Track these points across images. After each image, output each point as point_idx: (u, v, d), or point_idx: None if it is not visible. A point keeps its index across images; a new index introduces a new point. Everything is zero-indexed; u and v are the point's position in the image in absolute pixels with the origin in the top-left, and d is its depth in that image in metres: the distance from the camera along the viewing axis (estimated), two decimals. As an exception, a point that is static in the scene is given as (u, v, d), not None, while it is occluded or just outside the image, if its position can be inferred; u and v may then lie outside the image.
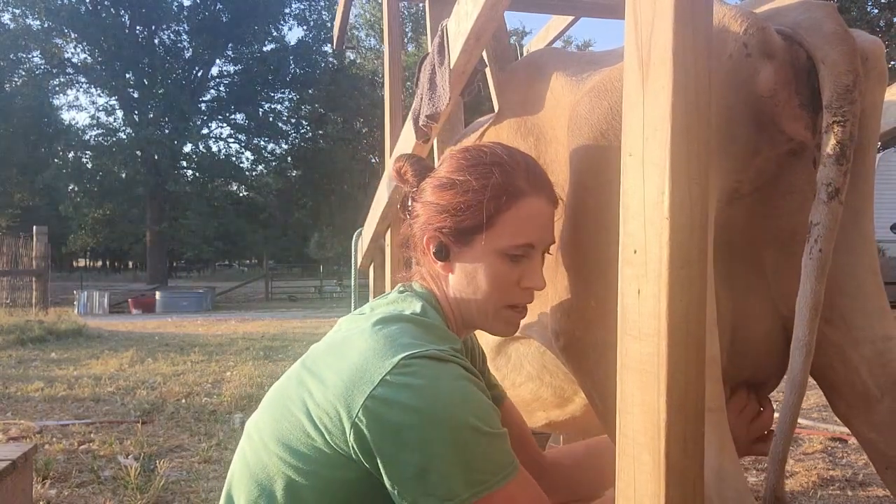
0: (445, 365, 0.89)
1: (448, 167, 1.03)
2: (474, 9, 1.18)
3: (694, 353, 0.65)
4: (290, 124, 32.96)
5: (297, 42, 31.75)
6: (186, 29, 29.80)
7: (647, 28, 0.65)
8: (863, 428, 0.97)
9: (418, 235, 1.05)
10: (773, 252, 0.99)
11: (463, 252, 1.01)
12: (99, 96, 42.43)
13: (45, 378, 5.14)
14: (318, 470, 0.91)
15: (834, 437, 3.24)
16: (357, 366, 0.90)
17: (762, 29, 0.86)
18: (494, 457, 0.88)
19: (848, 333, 0.95)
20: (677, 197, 0.62)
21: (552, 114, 1.21)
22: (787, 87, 0.87)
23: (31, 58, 27.77)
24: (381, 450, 0.86)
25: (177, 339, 8.23)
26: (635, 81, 0.67)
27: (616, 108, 0.98)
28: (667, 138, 0.62)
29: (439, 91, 1.39)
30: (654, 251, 0.64)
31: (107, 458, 3.02)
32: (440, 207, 1.01)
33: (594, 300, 1.03)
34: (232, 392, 4.52)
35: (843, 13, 9.40)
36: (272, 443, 0.96)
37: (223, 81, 31.77)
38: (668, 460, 0.65)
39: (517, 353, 1.41)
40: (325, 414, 0.90)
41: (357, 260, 3.66)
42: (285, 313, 13.76)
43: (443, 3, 1.67)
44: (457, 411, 0.85)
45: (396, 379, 0.86)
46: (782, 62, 0.87)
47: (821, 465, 2.85)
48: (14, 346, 7.05)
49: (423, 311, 1.00)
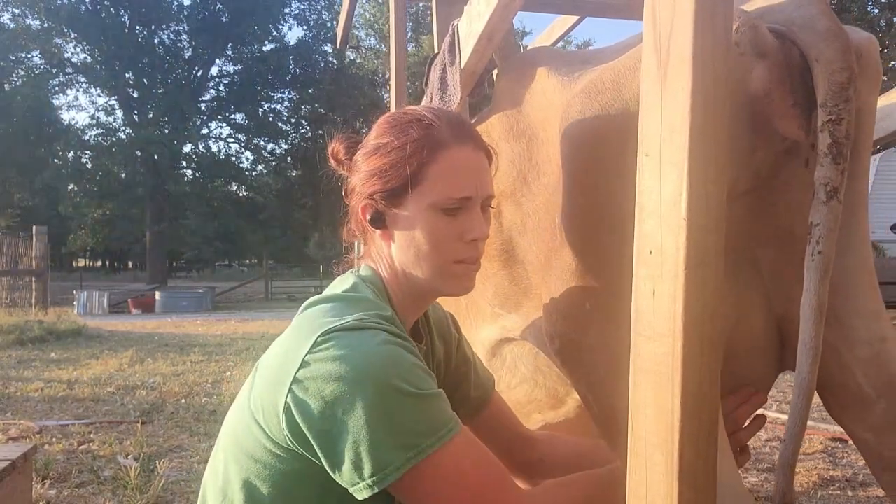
0: (364, 332, 0.86)
1: (373, 134, 1.02)
2: (487, 9, 1.18)
3: (709, 354, 0.65)
4: (290, 124, 32.97)
5: (297, 42, 31.78)
6: (186, 29, 29.79)
7: (667, 29, 0.64)
8: (858, 429, 0.96)
9: (354, 208, 1.03)
10: (768, 251, 0.98)
11: (398, 217, 0.99)
12: (99, 96, 42.55)
13: (44, 378, 5.13)
14: (269, 468, 0.90)
15: (834, 438, 3.24)
16: (281, 354, 0.90)
17: (754, 27, 0.85)
18: (428, 418, 0.84)
19: (843, 334, 0.94)
20: (695, 197, 0.62)
21: (544, 114, 1.20)
22: (781, 85, 0.86)
23: (31, 57, 27.76)
24: (311, 431, 0.84)
25: (176, 339, 8.22)
26: (653, 82, 0.66)
27: (608, 107, 0.97)
28: (685, 139, 0.62)
29: (450, 90, 1.39)
30: (670, 251, 0.64)
31: (106, 459, 3.01)
32: (368, 174, 1.00)
33: (589, 302, 1.02)
34: (232, 392, 4.52)
35: (843, 13, 9.48)
36: (230, 446, 0.96)
37: (223, 81, 31.77)
38: (682, 461, 0.65)
39: (512, 355, 1.41)
40: (263, 409, 0.90)
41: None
42: (285, 313, 13.74)
43: (450, 3, 1.67)
44: (378, 374, 0.82)
45: (315, 356, 0.84)
46: (775, 60, 0.85)
47: (821, 466, 2.85)
48: (14, 347, 7.03)
49: (352, 287, 0.99)
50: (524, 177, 1.23)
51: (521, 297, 1.30)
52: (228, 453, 0.96)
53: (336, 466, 0.83)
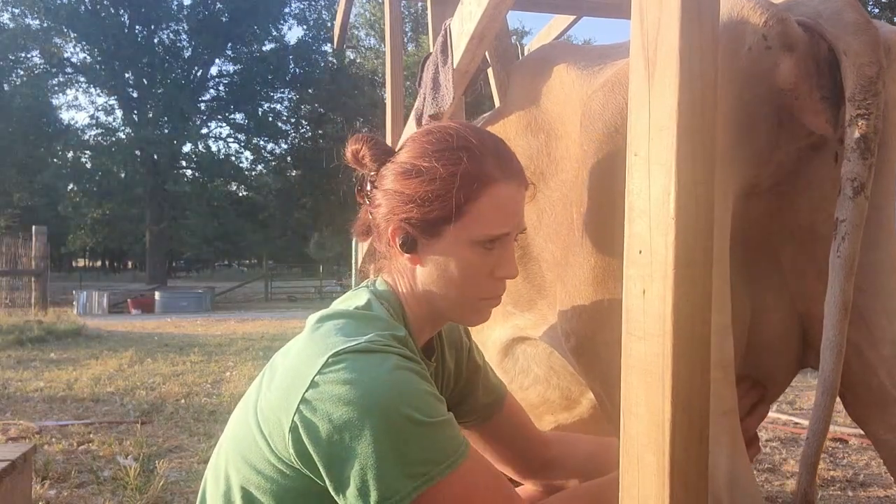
0: (375, 356, 0.85)
1: (412, 152, 0.96)
2: (478, 9, 1.18)
3: (699, 354, 0.65)
4: (290, 124, 32.95)
5: (296, 42, 31.76)
6: (186, 28, 29.77)
7: (654, 27, 0.64)
8: (878, 429, 0.94)
9: (382, 226, 0.98)
10: (790, 248, 0.97)
11: (432, 244, 0.95)
12: (98, 96, 42.56)
13: (44, 378, 5.13)
14: (271, 482, 0.89)
15: (834, 438, 3.24)
16: (291, 370, 0.88)
17: (782, 20, 0.83)
18: (436, 446, 0.83)
19: (867, 333, 0.92)
20: (683, 197, 0.62)
21: (563, 109, 1.18)
22: (808, 79, 0.84)
23: (31, 57, 27.76)
24: (318, 454, 0.82)
25: (176, 339, 8.22)
26: (641, 81, 0.66)
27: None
28: (673, 138, 0.62)
29: (443, 91, 1.39)
30: (659, 251, 0.64)
31: (106, 459, 3.02)
32: (405, 197, 0.94)
33: (606, 300, 1.01)
34: (231, 392, 4.52)
35: (843, 14, 9.43)
36: (233, 453, 0.94)
37: (223, 81, 31.75)
38: (673, 461, 0.65)
39: (525, 356, 1.39)
40: (269, 422, 0.88)
41: (358, 261, 3.66)
42: (285, 313, 13.74)
43: (445, 3, 1.67)
44: (388, 403, 0.80)
45: (325, 378, 0.83)
46: (803, 54, 0.84)
47: (821, 466, 2.85)
48: (13, 347, 7.04)
49: (366, 305, 0.96)
50: (541, 172, 1.21)
51: (535, 296, 1.28)
52: (230, 460, 0.95)
53: (341, 490, 0.83)
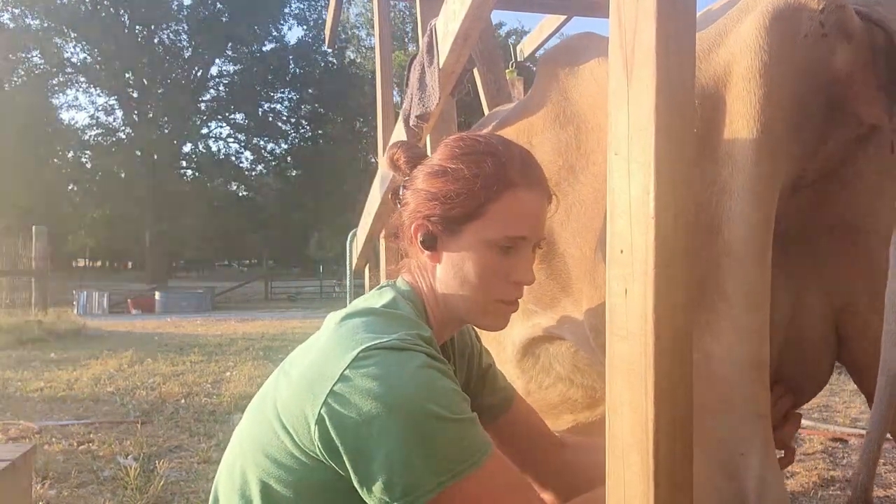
0: (404, 353, 0.87)
1: (441, 155, 1.02)
2: (462, 8, 1.18)
3: (680, 353, 0.65)
4: (290, 124, 32.98)
5: (296, 42, 31.85)
6: (186, 28, 29.81)
7: (631, 28, 0.65)
8: None
9: (406, 224, 1.02)
10: (829, 242, 0.95)
11: (451, 242, 0.99)
12: (98, 96, 42.44)
13: (44, 378, 5.14)
14: (292, 474, 0.90)
15: (834, 438, 3.24)
16: (318, 363, 0.90)
17: (841, 7, 0.82)
18: (462, 443, 0.86)
19: None
20: (662, 196, 0.62)
21: (594, 100, 1.16)
22: (865, 68, 0.83)
23: (31, 57, 27.78)
24: (345, 446, 0.84)
25: (176, 339, 8.23)
26: (620, 81, 0.67)
27: None
28: (651, 138, 0.62)
29: (429, 91, 1.38)
30: (640, 251, 0.64)
31: (106, 459, 3.03)
32: (430, 195, 0.99)
33: None
34: (231, 392, 4.52)
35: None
36: (249, 449, 0.95)
37: (223, 81, 31.78)
38: (657, 460, 0.66)
39: (546, 354, 1.37)
40: (292, 415, 0.89)
41: (352, 261, 3.66)
42: (285, 313, 13.76)
43: (432, 3, 1.67)
44: (416, 399, 0.83)
45: (355, 372, 0.85)
46: (860, 43, 0.82)
47: (821, 466, 2.85)
48: (13, 347, 7.05)
49: (392, 303, 0.99)
50: (571, 166, 1.19)
51: (559, 293, 1.25)
52: (248, 455, 0.96)
53: (366, 484, 0.84)
